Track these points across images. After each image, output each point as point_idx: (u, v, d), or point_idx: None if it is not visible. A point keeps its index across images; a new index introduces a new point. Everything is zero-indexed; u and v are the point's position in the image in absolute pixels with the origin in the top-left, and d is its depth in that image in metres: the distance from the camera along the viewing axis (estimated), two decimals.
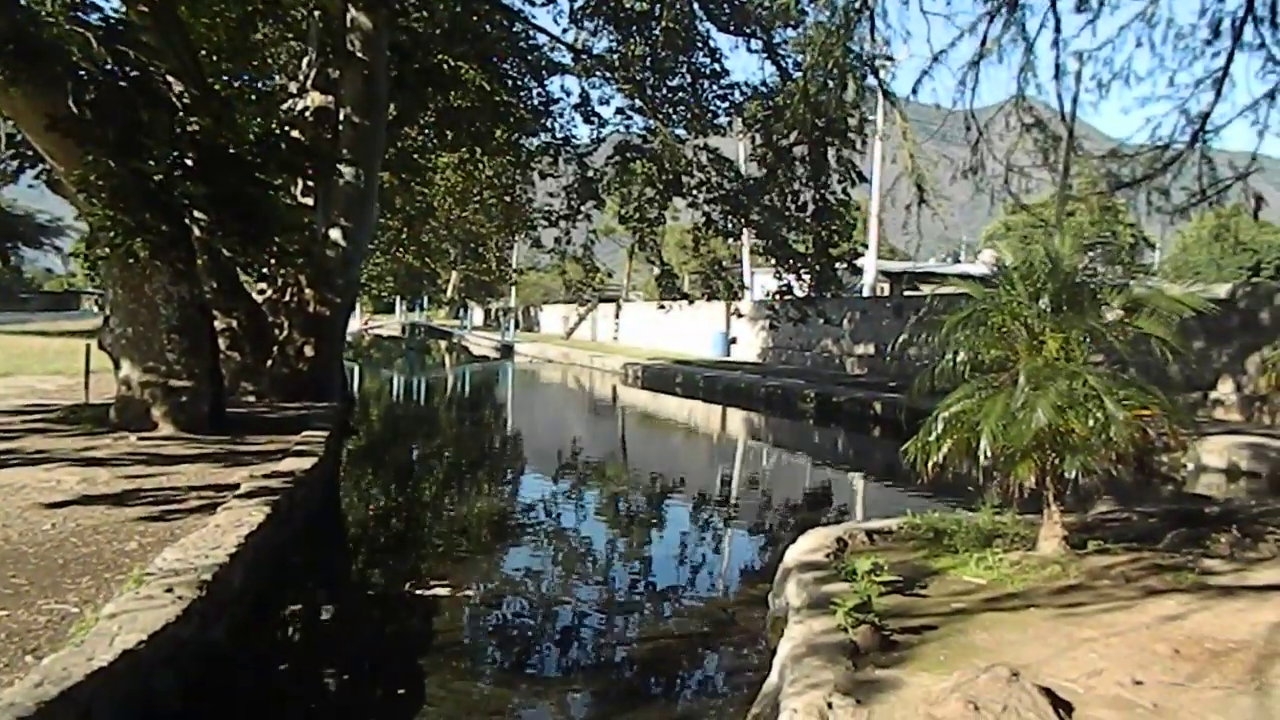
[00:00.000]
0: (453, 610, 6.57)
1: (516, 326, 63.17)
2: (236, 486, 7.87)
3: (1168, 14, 12.92)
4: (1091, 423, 5.85)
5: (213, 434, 10.92)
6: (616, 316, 49.67)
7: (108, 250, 9.68)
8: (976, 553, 6.38)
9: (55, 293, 66.51)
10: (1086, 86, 14.61)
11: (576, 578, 7.77)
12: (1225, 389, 17.76)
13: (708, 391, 25.62)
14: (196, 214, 11.06)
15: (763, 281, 32.71)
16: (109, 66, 9.79)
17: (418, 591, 6.92)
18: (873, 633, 4.67)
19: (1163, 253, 70.76)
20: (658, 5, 18.93)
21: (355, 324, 57.32)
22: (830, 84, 11.38)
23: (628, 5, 19.69)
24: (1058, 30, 13.89)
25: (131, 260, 9.90)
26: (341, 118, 15.24)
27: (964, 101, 13.23)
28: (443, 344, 54.99)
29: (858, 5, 11.07)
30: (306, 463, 9.16)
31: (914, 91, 10.35)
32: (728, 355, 36.21)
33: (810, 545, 6.57)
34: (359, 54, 14.85)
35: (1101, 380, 6.00)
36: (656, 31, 20.66)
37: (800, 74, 12.50)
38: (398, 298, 66.28)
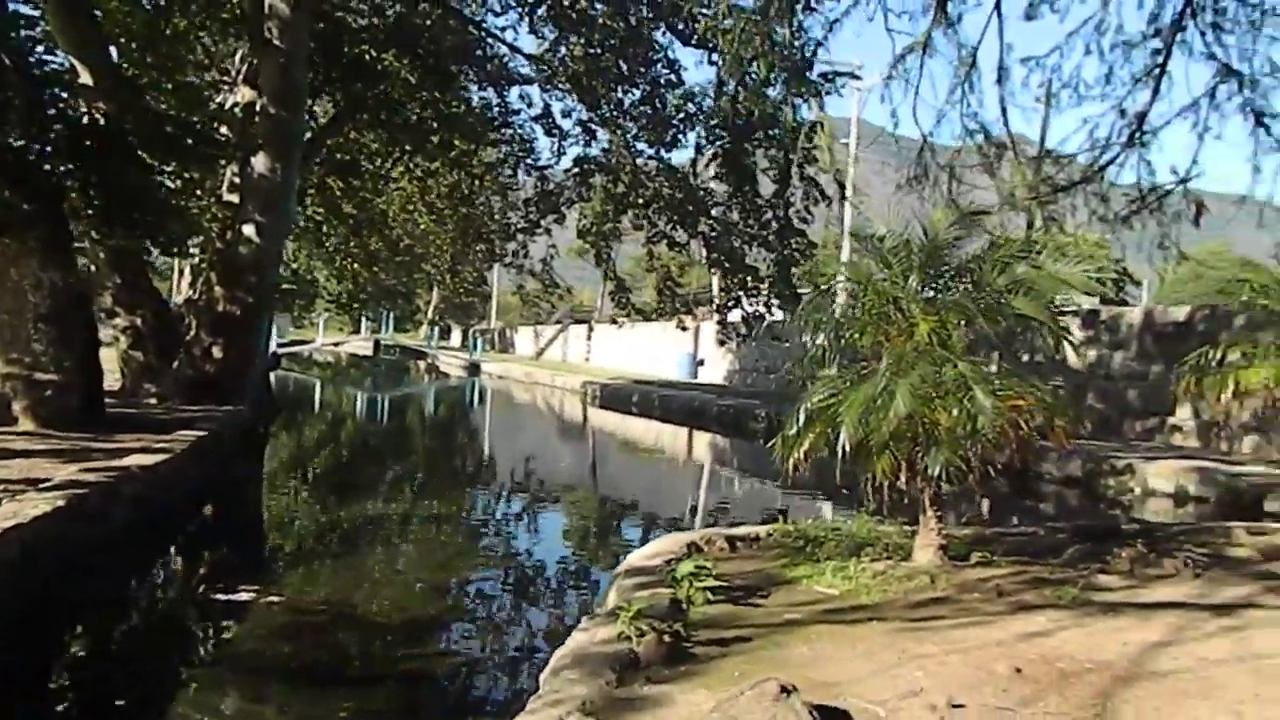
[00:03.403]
0: (252, 616, 5.81)
1: (492, 347, 62.55)
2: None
3: (1117, 20, 12.41)
4: (957, 413, 5.17)
5: (77, 431, 10.13)
6: (588, 338, 49.00)
7: None
8: (839, 561, 5.67)
9: None
10: (1036, 95, 14.16)
11: (413, 585, 6.95)
12: (1183, 414, 17.10)
13: (662, 410, 24.94)
14: (68, 196, 10.34)
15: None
16: None
17: (218, 596, 6.16)
18: (660, 643, 3.95)
19: (1149, 290, 70.41)
20: (597, 3, 18.37)
21: (320, 339, 56.49)
22: (750, 77, 10.78)
23: (568, 3, 19.15)
24: (1001, 35, 13.40)
25: None
26: (258, 108, 14.58)
27: (899, 105, 12.69)
28: (413, 362, 54.18)
29: None
30: (149, 459, 8.40)
31: (824, 76, 9.68)
32: (694, 377, 35.49)
33: (654, 550, 5.85)
34: (276, 41, 14.20)
35: (973, 367, 5.32)
36: (610, 39, 20.16)
37: (720, 65, 11.89)
38: (364, 316, 65.39)
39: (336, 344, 59.44)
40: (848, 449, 5.34)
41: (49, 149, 9.92)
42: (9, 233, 9.27)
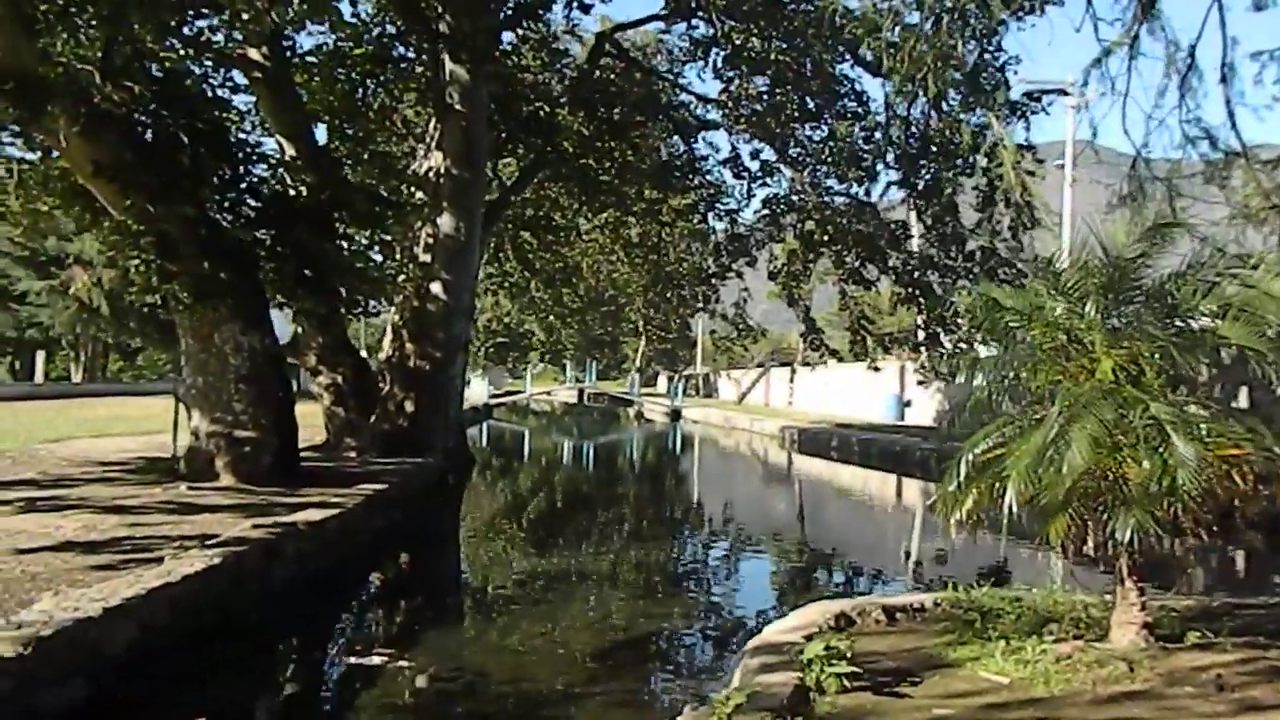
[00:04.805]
0: (376, 683, 5.65)
1: (696, 392, 62.61)
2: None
3: None
4: (1149, 464, 4.27)
5: (270, 485, 10.63)
6: (791, 381, 47.95)
7: (139, 295, 9.71)
8: (1015, 640, 4.82)
9: None
10: (1273, 93, 12.46)
11: (556, 651, 6.55)
12: None
13: (862, 455, 23.73)
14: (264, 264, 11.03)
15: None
16: (163, 115, 9.90)
17: (352, 660, 6.07)
18: None
19: None
20: (773, 41, 17.99)
21: (529, 389, 58.83)
22: (920, 93, 10.01)
23: (740, 43, 18.90)
24: (1223, 28, 11.92)
25: (181, 308, 9.89)
26: (441, 170, 15.20)
27: (1103, 116, 11.47)
28: (621, 409, 55.15)
29: (949, 4, 9.72)
30: (318, 515, 8.62)
31: (1029, 95, 8.76)
32: (901, 419, 33.72)
33: (794, 623, 5.21)
34: (457, 106, 14.79)
35: (1170, 408, 4.40)
36: (788, 74, 19.70)
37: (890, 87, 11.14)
38: (566, 364, 68.43)
39: (547, 393, 61.90)
40: (1015, 508, 4.55)
41: (244, 220, 10.60)
42: (210, 300, 9.94)
